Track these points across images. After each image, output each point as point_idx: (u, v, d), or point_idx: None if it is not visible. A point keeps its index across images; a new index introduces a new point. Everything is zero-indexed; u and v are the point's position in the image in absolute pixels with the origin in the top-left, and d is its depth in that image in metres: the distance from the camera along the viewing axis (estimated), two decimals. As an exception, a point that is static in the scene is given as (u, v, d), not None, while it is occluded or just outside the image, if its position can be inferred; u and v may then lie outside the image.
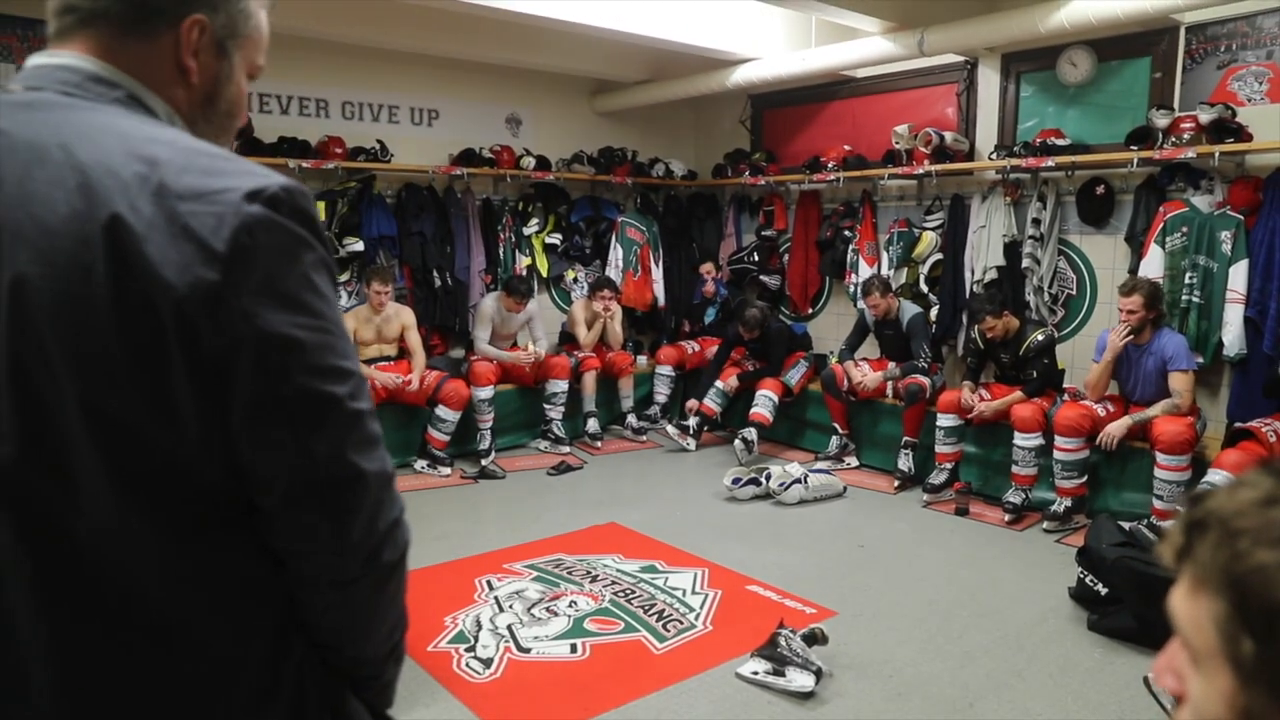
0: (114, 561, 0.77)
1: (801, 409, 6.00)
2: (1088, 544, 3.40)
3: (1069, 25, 4.34)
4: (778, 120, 6.88)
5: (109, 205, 0.75)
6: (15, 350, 0.75)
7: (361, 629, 0.90)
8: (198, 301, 0.74)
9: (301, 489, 0.80)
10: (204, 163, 0.79)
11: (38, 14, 4.68)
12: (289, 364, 0.78)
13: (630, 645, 3.17)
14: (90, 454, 0.76)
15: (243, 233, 0.76)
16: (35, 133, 0.79)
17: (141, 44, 0.86)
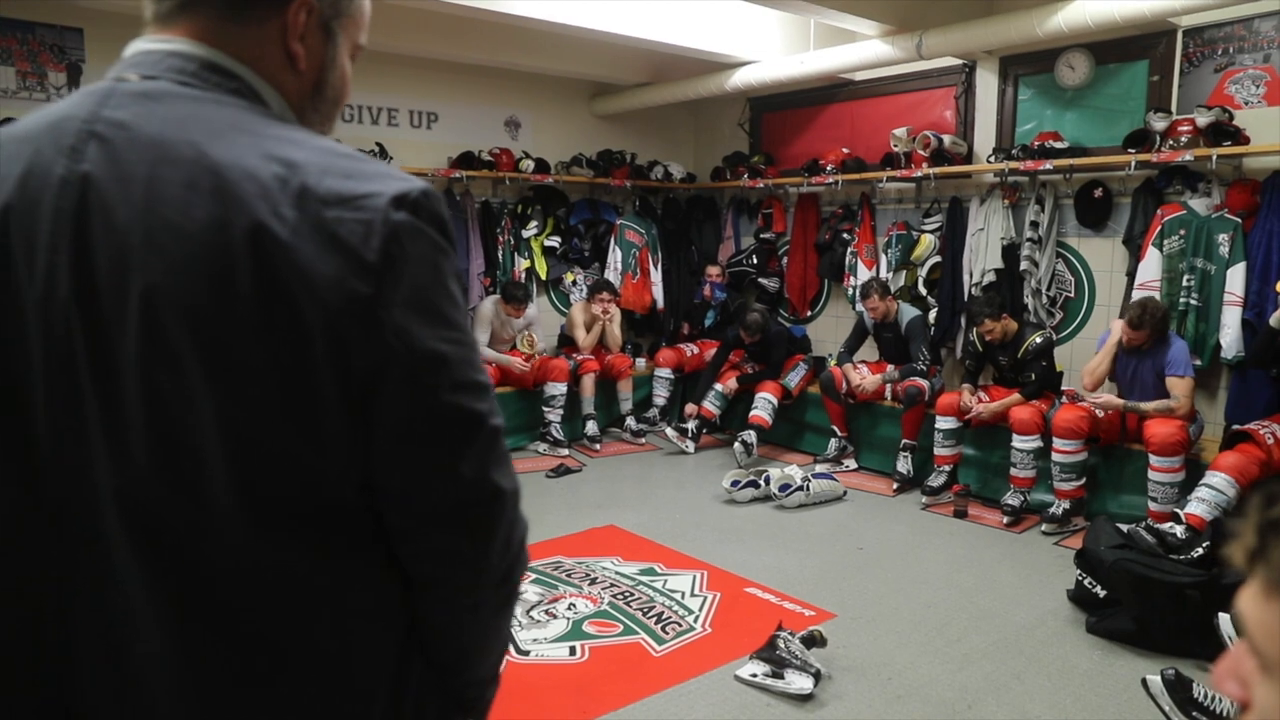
0: (243, 582, 0.73)
1: (800, 411, 6.00)
2: (1086, 546, 3.41)
3: (1067, 28, 4.36)
4: (776, 123, 6.89)
5: (250, 212, 0.69)
6: (147, 365, 0.69)
7: (483, 649, 0.88)
8: (350, 316, 0.70)
9: (446, 509, 0.77)
10: (342, 164, 0.74)
11: (38, 17, 4.69)
12: (439, 381, 0.74)
13: (629, 648, 3.17)
14: (224, 473, 0.71)
15: (393, 242, 0.71)
16: (159, 127, 0.72)
17: (247, 29, 0.80)
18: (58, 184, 0.71)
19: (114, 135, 0.72)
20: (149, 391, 0.70)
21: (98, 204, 0.70)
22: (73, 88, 4.87)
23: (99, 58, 4.93)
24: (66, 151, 0.72)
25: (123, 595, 0.72)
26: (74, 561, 0.72)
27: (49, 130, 0.74)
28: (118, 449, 0.71)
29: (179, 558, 0.72)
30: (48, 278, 0.71)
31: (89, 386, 0.71)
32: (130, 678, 0.73)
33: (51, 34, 4.79)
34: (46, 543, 0.72)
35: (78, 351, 0.70)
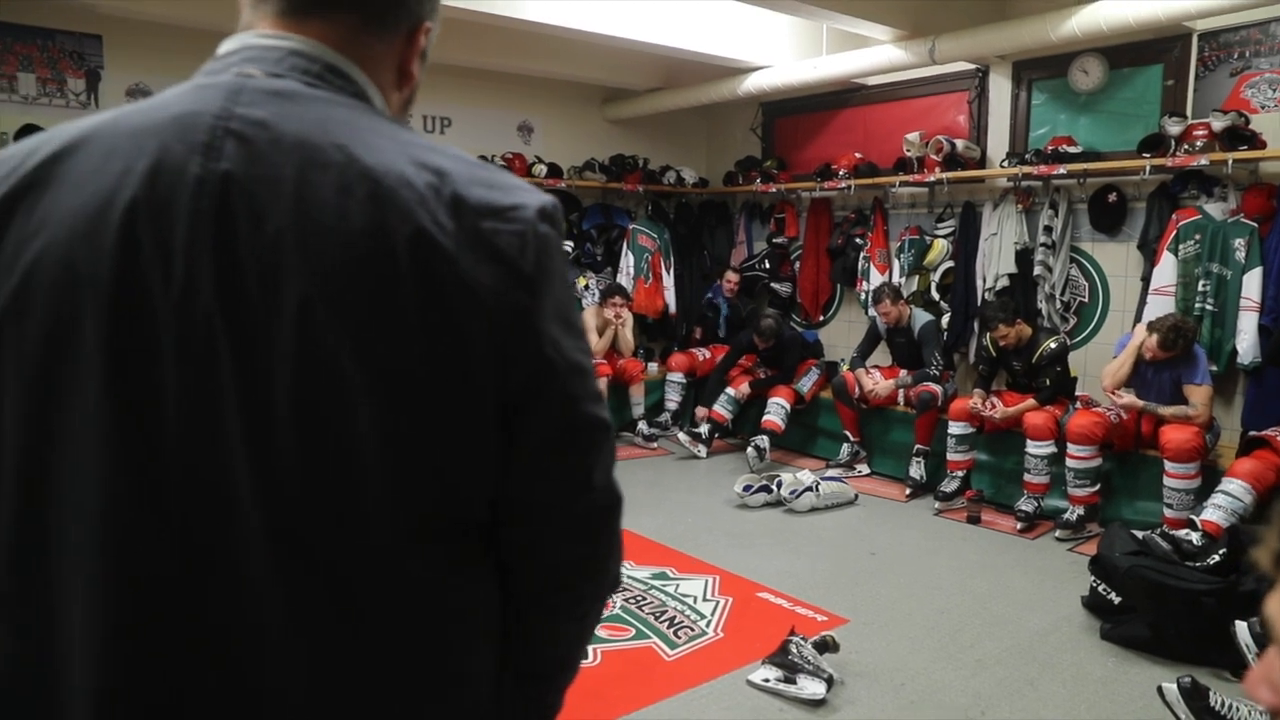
0: (382, 594, 0.71)
1: (813, 416, 6.00)
2: (1100, 552, 3.39)
3: (1080, 33, 4.35)
4: (789, 128, 6.89)
5: (412, 219, 0.67)
6: (303, 379, 0.66)
7: (577, 657, 0.88)
8: (511, 327, 0.69)
9: (580, 520, 0.77)
10: (483, 174, 0.73)
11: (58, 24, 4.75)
12: (583, 392, 0.74)
13: (641, 652, 3.17)
14: (377, 484, 0.68)
15: (543, 254, 0.71)
16: (301, 128, 0.69)
17: (376, 41, 0.79)
18: (194, 183, 0.67)
19: (253, 134, 0.68)
20: (303, 402, 0.66)
21: (243, 206, 0.66)
22: (92, 94, 4.93)
23: (117, 64, 4.99)
24: (200, 149, 0.68)
25: (256, 610, 0.68)
26: (211, 590, 0.68)
27: (175, 124, 0.69)
28: (263, 460, 0.67)
29: (323, 578, 0.69)
30: (186, 282, 0.66)
31: (232, 397, 0.66)
32: (263, 698, 0.70)
33: (71, 41, 4.85)
34: (183, 571, 0.68)
35: (221, 359, 0.66)
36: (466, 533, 0.75)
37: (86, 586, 0.67)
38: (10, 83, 4.70)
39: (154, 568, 0.67)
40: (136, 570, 0.67)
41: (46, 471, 0.68)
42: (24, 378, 0.68)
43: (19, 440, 0.69)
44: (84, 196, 0.67)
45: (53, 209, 0.68)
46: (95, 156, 0.69)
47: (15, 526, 0.69)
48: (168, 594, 0.67)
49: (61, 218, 0.68)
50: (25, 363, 0.68)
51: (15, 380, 0.68)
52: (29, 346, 0.68)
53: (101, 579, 0.67)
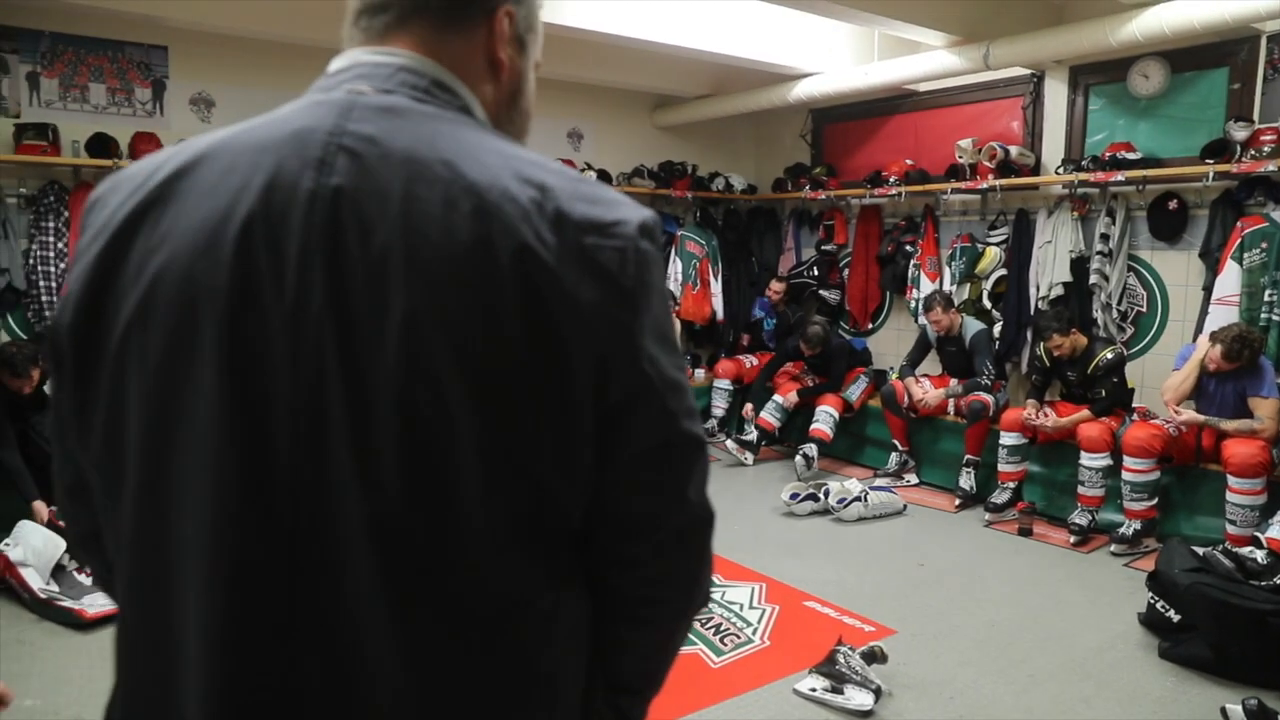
0: (482, 605, 0.72)
1: (861, 425, 5.94)
2: (1159, 568, 3.31)
3: (1142, 37, 4.26)
4: (838, 134, 6.85)
5: (516, 234, 0.68)
6: (406, 388, 0.67)
7: (664, 671, 0.88)
8: (613, 343, 0.70)
9: (674, 534, 0.78)
10: (585, 190, 0.73)
11: (127, 36, 4.91)
12: (680, 408, 0.74)
13: (687, 659, 3.17)
14: (479, 498, 0.69)
15: (644, 270, 0.72)
16: (408, 143, 0.71)
17: (457, 38, 0.80)
18: (307, 197, 0.69)
19: (364, 150, 0.70)
20: (406, 413, 0.67)
21: (352, 220, 0.68)
22: (157, 103, 5.09)
23: (181, 74, 5.14)
24: (314, 164, 0.70)
25: (357, 616, 0.70)
26: (314, 591, 0.70)
27: (291, 140, 0.72)
28: (366, 469, 0.68)
29: (421, 580, 0.70)
30: (299, 295, 0.68)
31: (339, 405, 0.68)
32: (361, 698, 0.71)
33: (139, 52, 5.01)
34: (288, 572, 0.70)
35: (329, 372, 0.68)
36: (563, 544, 0.76)
37: (199, 582, 0.71)
38: (82, 93, 4.87)
39: (261, 566, 0.70)
40: (243, 569, 0.70)
41: (166, 472, 0.71)
42: (147, 384, 0.72)
43: (141, 449, 0.72)
44: (204, 211, 0.71)
45: (175, 224, 0.71)
46: (215, 172, 0.72)
47: (136, 528, 0.74)
48: (273, 591, 0.70)
49: (183, 232, 0.71)
50: (149, 370, 0.71)
51: (140, 386, 0.72)
52: (152, 355, 0.71)
53: (210, 576, 0.70)
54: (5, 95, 4.68)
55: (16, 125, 4.59)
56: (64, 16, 4.65)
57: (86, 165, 4.69)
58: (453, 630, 0.72)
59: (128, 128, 4.89)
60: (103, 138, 4.68)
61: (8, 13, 4.52)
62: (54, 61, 4.78)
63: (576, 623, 0.79)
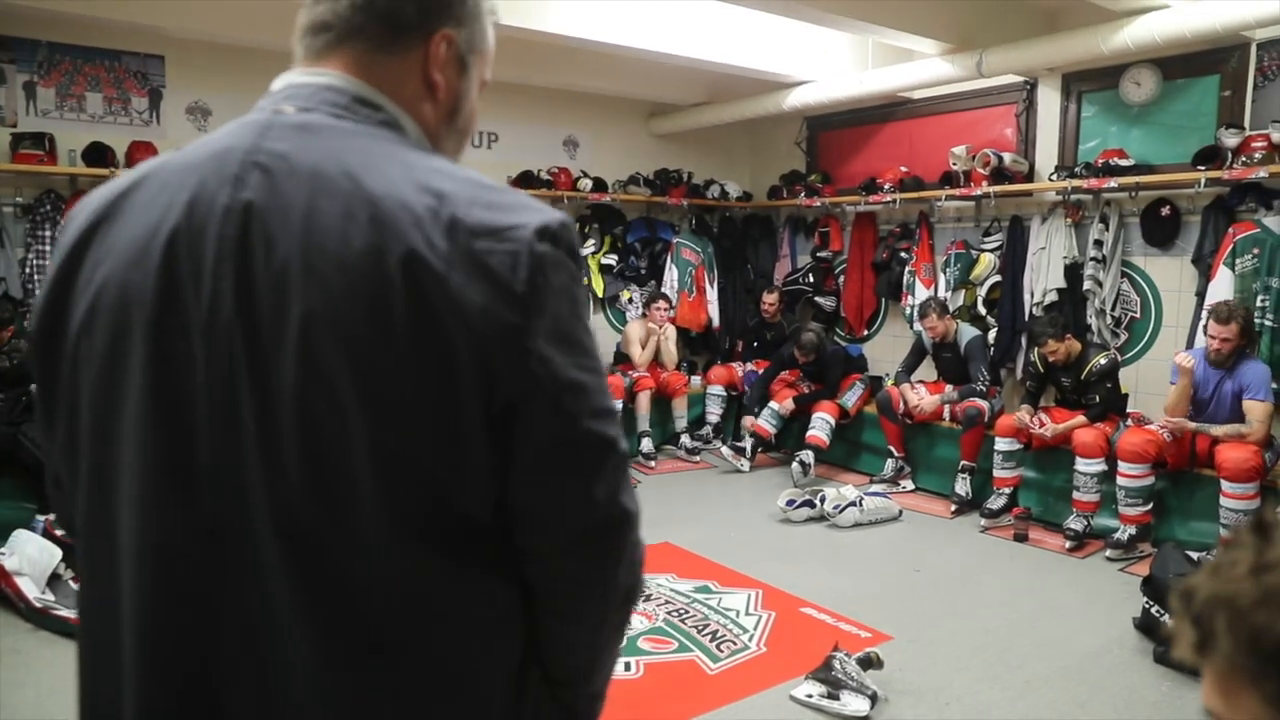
0: (386, 598, 0.75)
1: (857, 431, 5.95)
2: (1154, 573, 3.32)
3: (1133, 45, 4.29)
4: (833, 142, 6.88)
5: (405, 240, 0.72)
6: (303, 388, 0.72)
7: (598, 666, 0.90)
8: (498, 344, 0.73)
9: (578, 532, 0.79)
10: (487, 195, 0.77)
11: (124, 46, 4.92)
12: (579, 409, 0.76)
13: (684, 665, 3.17)
14: (374, 492, 0.73)
15: (538, 273, 0.74)
16: (317, 158, 0.76)
17: (393, 60, 0.85)
18: (222, 212, 0.75)
19: (275, 165, 0.76)
20: (304, 412, 0.72)
21: (260, 231, 0.74)
22: (154, 112, 5.11)
23: (178, 83, 5.16)
24: (230, 181, 0.76)
25: (271, 605, 0.75)
26: (228, 573, 0.75)
27: (212, 160, 0.78)
28: (273, 466, 0.73)
29: (325, 571, 0.74)
30: (212, 300, 0.74)
31: (248, 407, 0.73)
32: (272, 685, 0.76)
33: (136, 61, 5.03)
34: (205, 554, 0.76)
35: (239, 373, 0.73)
36: (469, 538, 0.78)
37: (131, 567, 0.78)
38: (79, 102, 4.89)
39: (183, 553, 0.76)
40: (166, 550, 0.76)
41: (109, 465, 0.79)
42: (93, 383, 0.79)
43: (90, 442, 0.80)
44: (139, 227, 0.78)
45: (117, 239, 0.79)
46: (151, 191, 0.80)
47: (87, 514, 0.82)
48: (192, 572, 0.76)
49: (122, 246, 0.78)
50: (94, 370, 0.79)
51: (88, 385, 0.80)
52: (96, 357, 0.79)
53: (138, 560, 0.77)
54: (2, 104, 4.69)
55: (13, 134, 4.61)
56: (61, 26, 4.67)
57: (83, 174, 4.71)
58: (354, 618, 0.75)
59: (124, 137, 4.91)
60: (99, 147, 4.70)
61: (5, 22, 4.54)
62: (51, 71, 4.79)
63: (493, 616, 0.81)
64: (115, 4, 4.36)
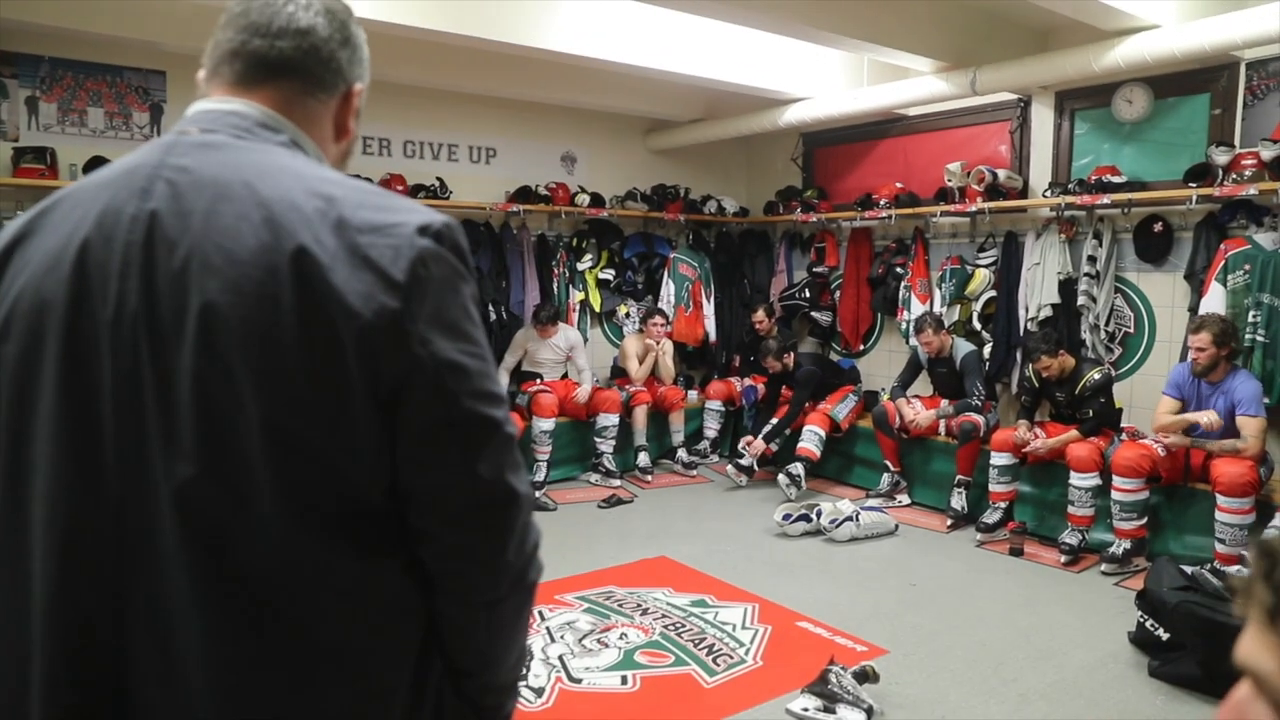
0: (281, 578, 0.79)
1: (851, 445, 5.97)
2: (1148, 587, 3.33)
3: (1124, 64, 4.34)
4: (829, 158, 6.93)
5: (294, 237, 0.79)
6: (201, 374, 0.78)
7: (498, 654, 0.93)
8: (379, 328, 0.78)
9: (464, 509, 0.84)
10: (375, 199, 0.84)
11: (126, 61, 4.96)
12: (459, 389, 0.81)
13: (680, 678, 3.18)
14: (267, 473, 0.78)
15: (418, 264, 0.80)
16: (217, 171, 0.83)
17: (314, 103, 0.95)
18: (129, 221, 0.82)
19: (178, 178, 0.83)
20: (202, 398, 0.78)
21: (161, 236, 0.81)
22: (155, 127, 5.14)
23: (180, 98, 5.19)
24: (138, 193, 0.83)
25: (171, 586, 0.79)
26: (132, 556, 0.80)
27: (124, 176, 0.86)
28: (173, 451, 0.79)
29: (221, 552, 0.79)
30: (118, 300, 0.80)
31: (151, 395, 0.79)
32: (172, 663, 0.80)
33: (137, 77, 5.07)
34: (109, 538, 0.80)
35: (143, 364, 0.79)
36: (363, 520, 0.82)
37: (40, 552, 0.82)
38: (81, 117, 4.92)
39: (89, 533, 0.80)
40: (75, 535, 0.81)
41: (23, 460, 0.83)
42: (7, 386, 0.84)
43: (6, 438, 0.85)
44: (54, 239, 0.85)
45: (34, 252, 0.86)
46: (66, 208, 0.87)
47: (3, 508, 0.85)
48: (99, 555, 0.80)
49: (39, 258, 0.85)
50: (7, 374, 0.84)
51: (5, 394, 0.85)
52: (11, 362, 0.84)
53: (47, 546, 0.81)
54: (4, 119, 4.72)
55: (15, 149, 4.64)
56: (64, 42, 4.71)
57: (83, 188, 4.73)
58: (248, 598, 0.79)
59: (125, 151, 4.90)
60: (101, 161, 4.72)
61: (7, 38, 4.57)
62: (53, 86, 4.83)
63: (390, 599, 0.85)
64: (117, 20, 4.40)
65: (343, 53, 0.96)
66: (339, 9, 0.97)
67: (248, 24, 0.93)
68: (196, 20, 4.48)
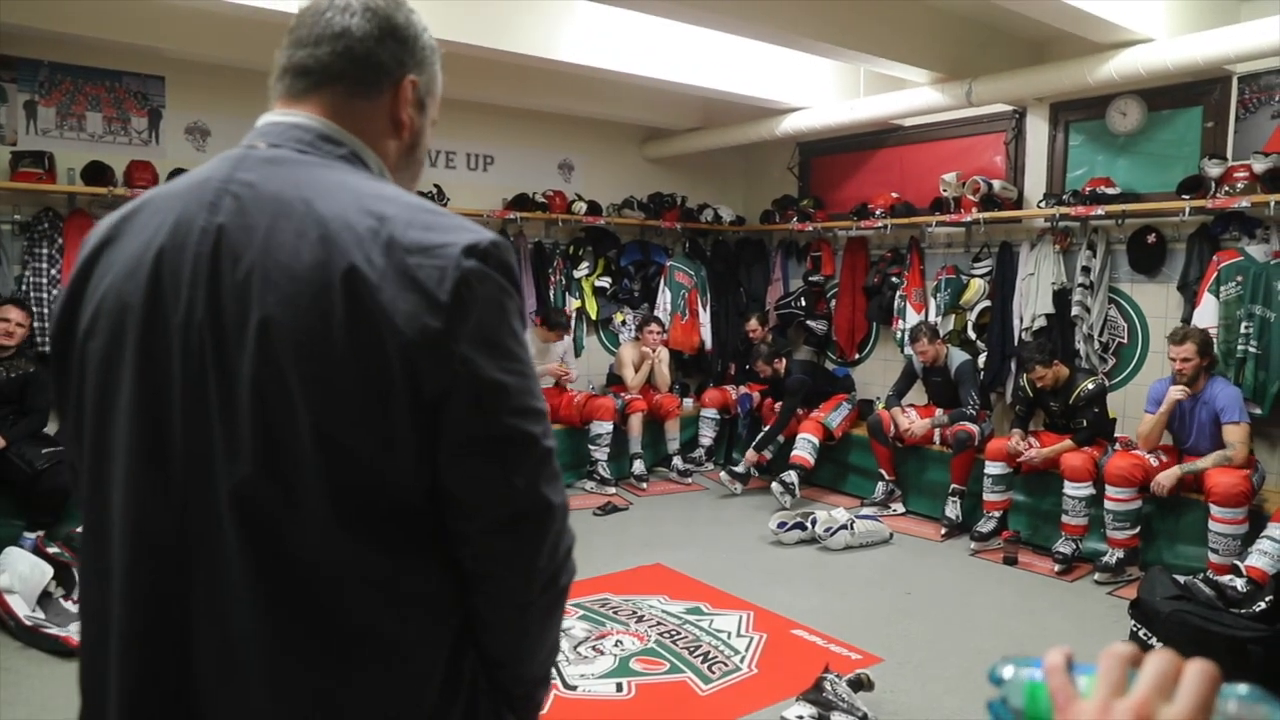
0: (328, 574, 0.84)
1: (846, 454, 5.98)
2: (1141, 596, 3.35)
3: (1118, 77, 4.38)
4: (826, 167, 6.96)
5: (347, 256, 0.82)
6: (259, 382, 0.83)
7: (529, 649, 0.97)
8: (422, 346, 0.82)
9: (500, 518, 0.88)
10: (425, 219, 0.87)
11: (124, 66, 4.97)
12: (498, 406, 0.85)
13: (675, 686, 3.18)
14: (316, 475, 0.83)
15: (462, 285, 0.83)
16: (279, 187, 0.88)
17: (365, 103, 0.97)
18: (199, 233, 0.87)
19: (244, 193, 0.88)
20: (258, 403, 0.83)
21: (227, 249, 0.86)
22: (153, 132, 5.15)
23: (177, 103, 5.21)
24: (207, 206, 0.88)
25: (230, 579, 0.84)
26: (196, 549, 0.86)
27: (194, 189, 0.91)
28: (232, 450, 0.84)
29: (273, 545, 0.84)
30: (188, 306, 0.86)
31: (214, 396, 0.84)
32: (231, 653, 0.85)
33: (136, 82, 5.08)
34: (177, 528, 0.86)
35: (208, 367, 0.85)
36: (405, 520, 0.86)
37: (118, 536, 0.89)
38: (79, 122, 4.93)
39: (158, 523, 0.86)
40: (146, 524, 0.87)
41: (105, 449, 0.90)
42: (93, 381, 0.91)
43: (91, 429, 0.92)
44: (135, 245, 0.91)
45: (118, 256, 0.92)
46: (146, 215, 0.93)
47: (88, 493, 0.93)
48: (167, 544, 0.86)
49: (121, 262, 0.91)
50: (94, 370, 0.91)
51: (91, 383, 0.92)
52: (96, 357, 0.91)
53: (123, 531, 0.88)
54: (3, 123, 4.73)
55: (13, 153, 4.64)
56: (63, 46, 4.72)
57: (81, 193, 4.74)
58: (300, 592, 0.84)
59: (124, 156, 4.94)
60: (99, 166, 4.73)
61: (6, 42, 4.58)
62: (51, 90, 4.83)
63: (427, 595, 0.89)
64: (117, 25, 4.41)
65: (385, 48, 0.97)
66: (382, 3, 0.98)
67: (294, 39, 0.98)
68: (196, 26, 4.50)
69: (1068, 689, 0.50)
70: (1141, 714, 0.46)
